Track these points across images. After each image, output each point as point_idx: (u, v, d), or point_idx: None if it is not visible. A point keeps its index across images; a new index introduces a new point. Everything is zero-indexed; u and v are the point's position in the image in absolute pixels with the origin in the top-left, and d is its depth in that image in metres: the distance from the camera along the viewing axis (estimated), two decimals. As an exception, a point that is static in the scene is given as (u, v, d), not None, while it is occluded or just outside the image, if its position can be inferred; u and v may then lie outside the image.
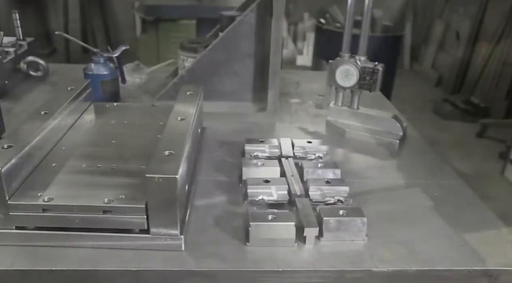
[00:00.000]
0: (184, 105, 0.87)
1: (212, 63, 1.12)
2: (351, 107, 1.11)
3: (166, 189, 0.64)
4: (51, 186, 0.69)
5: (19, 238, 0.67)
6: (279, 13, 1.01)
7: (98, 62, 1.18)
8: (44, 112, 0.81)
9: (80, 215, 0.66)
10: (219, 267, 0.66)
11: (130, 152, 0.81)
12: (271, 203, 0.80)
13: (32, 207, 0.66)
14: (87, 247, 0.68)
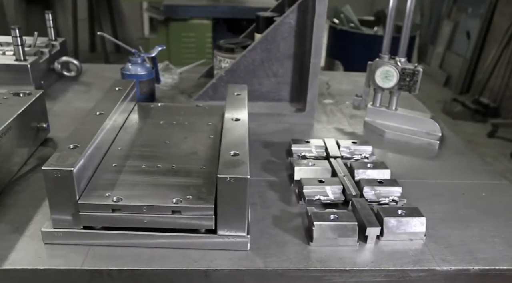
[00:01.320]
0: (235, 106, 0.88)
1: (251, 64, 1.12)
2: (389, 108, 1.12)
3: (237, 189, 0.64)
4: (116, 187, 0.70)
5: (87, 237, 0.68)
6: (322, 13, 1.02)
7: (135, 62, 1.18)
8: (100, 112, 0.82)
9: (149, 215, 0.67)
10: (286, 266, 0.67)
11: (185, 152, 0.81)
12: (327, 203, 0.81)
13: (102, 207, 0.66)
14: (154, 247, 0.69)
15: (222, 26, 2.38)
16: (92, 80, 1.39)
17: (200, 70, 1.46)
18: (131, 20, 4.52)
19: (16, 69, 1.18)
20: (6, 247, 0.68)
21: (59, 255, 0.67)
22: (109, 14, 4.47)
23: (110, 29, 4.58)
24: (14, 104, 0.90)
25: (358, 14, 3.54)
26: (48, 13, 1.41)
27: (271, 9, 1.27)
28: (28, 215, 0.76)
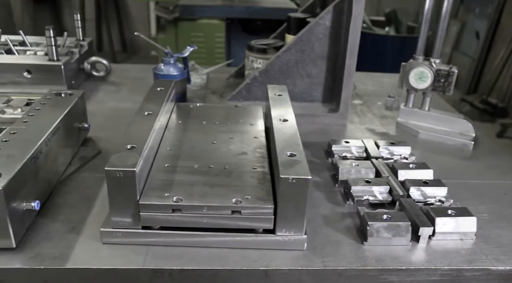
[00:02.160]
0: (280, 107, 0.88)
1: (285, 65, 1.13)
2: (422, 109, 1.13)
3: (298, 189, 0.65)
4: (174, 187, 0.70)
5: (146, 237, 0.69)
6: (359, 14, 1.03)
7: (168, 62, 1.19)
8: (148, 113, 0.82)
9: (208, 215, 0.67)
10: (344, 265, 0.68)
11: (234, 152, 0.82)
12: (375, 203, 0.81)
13: (162, 207, 0.67)
14: (212, 247, 0.69)
15: (236, 26, 2.38)
16: (120, 80, 1.39)
17: (225, 70, 1.46)
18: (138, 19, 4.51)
19: (49, 69, 1.18)
20: (66, 247, 0.68)
21: (119, 255, 0.68)
22: (116, 13, 4.47)
23: (117, 29, 4.58)
24: (58, 104, 0.90)
25: (365, 14, 3.55)
26: (76, 13, 1.41)
27: (302, 10, 1.27)
28: (81, 215, 0.76)
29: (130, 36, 4.56)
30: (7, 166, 0.67)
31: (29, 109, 0.87)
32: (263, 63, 1.19)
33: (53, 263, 0.65)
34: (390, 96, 1.14)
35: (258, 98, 1.17)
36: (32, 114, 0.85)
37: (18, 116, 0.87)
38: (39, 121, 0.83)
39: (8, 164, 0.68)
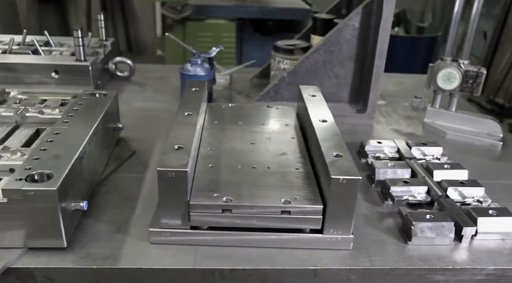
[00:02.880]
0: (316, 107, 0.89)
1: (314, 66, 1.14)
2: (449, 109, 1.14)
3: (348, 189, 0.66)
4: (221, 187, 0.71)
5: (194, 238, 0.69)
6: (389, 15, 1.03)
7: (195, 63, 1.19)
8: (188, 113, 0.83)
9: (258, 215, 0.68)
10: (391, 265, 0.68)
11: (274, 153, 0.82)
12: (414, 203, 0.82)
13: (212, 208, 0.67)
14: (260, 247, 0.70)
15: (248, 26, 2.39)
16: (143, 80, 1.39)
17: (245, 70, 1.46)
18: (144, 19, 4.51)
19: (77, 70, 1.18)
20: (115, 247, 0.69)
21: (168, 255, 0.68)
22: (122, 13, 4.46)
23: (123, 29, 4.57)
24: (94, 104, 0.91)
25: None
26: (100, 13, 1.41)
27: (327, 11, 1.28)
28: (125, 215, 0.76)
29: (135, 36, 4.55)
30: (57, 166, 0.67)
31: (67, 110, 0.87)
32: (290, 64, 1.20)
33: (105, 263, 0.65)
34: (417, 97, 1.15)
35: (285, 98, 1.17)
36: (72, 115, 0.85)
37: (57, 116, 0.87)
38: (79, 121, 0.83)
39: (57, 164, 0.68)
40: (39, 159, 0.69)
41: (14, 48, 1.30)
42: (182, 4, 3.64)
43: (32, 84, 1.21)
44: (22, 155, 0.72)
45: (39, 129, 0.85)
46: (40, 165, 0.67)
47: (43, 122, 0.87)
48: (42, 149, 0.72)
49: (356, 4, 1.25)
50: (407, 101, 1.32)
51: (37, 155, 0.70)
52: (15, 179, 0.64)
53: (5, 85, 1.19)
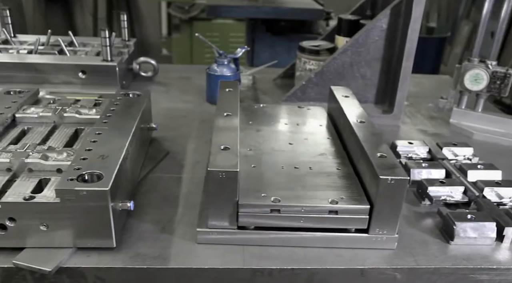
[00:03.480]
0: (351, 108, 0.90)
1: (341, 66, 1.14)
2: (475, 110, 1.15)
3: (396, 190, 0.66)
4: (267, 187, 0.71)
5: (242, 237, 0.69)
6: (418, 17, 1.04)
7: (222, 63, 1.20)
8: (227, 113, 0.83)
9: (306, 215, 0.68)
10: (436, 264, 0.69)
11: (313, 153, 0.83)
12: (452, 203, 0.83)
13: (261, 208, 0.68)
14: (306, 247, 0.70)
15: (260, 26, 2.39)
16: (165, 80, 1.40)
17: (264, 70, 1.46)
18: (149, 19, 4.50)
19: (104, 70, 1.19)
20: (163, 247, 0.69)
21: (217, 254, 0.68)
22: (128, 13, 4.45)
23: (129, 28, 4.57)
24: (130, 105, 0.91)
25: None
26: (123, 13, 1.42)
27: (351, 12, 1.28)
28: (167, 215, 0.77)
29: (141, 36, 4.55)
30: (105, 167, 0.68)
31: (105, 110, 0.88)
32: (316, 65, 1.20)
33: (155, 263, 0.66)
34: (443, 98, 1.16)
35: (312, 99, 1.18)
36: (110, 115, 0.86)
37: (94, 116, 0.88)
38: (118, 121, 0.83)
39: (105, 164, 0.68)
40: (86, 159, 0.70)
41: (39, 48, 1.31)
42: (189, 4, 3.65)
43: (58, 84, 1.21)
44: (68, 155, 0.72)
45: (77, 129, 0.85)
46: (88, 166, 0.67)
47: (81, 122, 0.87)
48: (87, 149, 0.73)
49: (381, 5, 1.25)
50: (429, 102, 1.33)
51: (83, 155, 0.71)
52: (67, 179, 0.64)
53: (32, 85, 1.19)
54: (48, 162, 0.71)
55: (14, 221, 0.64)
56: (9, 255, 0.66)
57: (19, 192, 0.65)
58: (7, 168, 0.70)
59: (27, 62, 1.19)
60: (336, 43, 1.25)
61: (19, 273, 0.65)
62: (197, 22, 3.59)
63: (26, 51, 1.28)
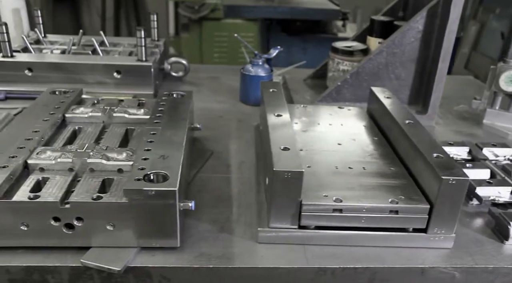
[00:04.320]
0: (395, 108, 0.91)
1: (376, 67, 1.15)
2: (509, 111, 1.16)
3: (456, 190, 0.67)
4: (326, 187, 0.72)
5: (302, 237, 0.70)
6: (456, 18, 1.05)
7: (256, 63, 1.20)
8: (278, 114, 0.84)
9: (367, 215, 0.69)
10: (495, 263, 0.70)
11: (363, 153, 0.84)
12: (500, 203, 0.84)
13: (323, 208, 0.69)
14: (365, 246, 0.71)
15: (275, 26, 2.40)
16: (195, 80, 1.40)
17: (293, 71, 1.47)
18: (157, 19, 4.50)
19: (139, 70, 1.19)
20: (225, 247, 0.70)
21: (279, 254, 0.69)
22: (135, 12, 4.45)
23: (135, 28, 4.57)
24: (176, 105, 0.92)
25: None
26: (153, 14, 1.42)
27: (382, 13, 1.29)
28: (224, 215, 0.78)
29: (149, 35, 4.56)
30: (169, 167, 0.68)
31: (154, 110, 0.88)
32: (350, 65, 1.21)
33: (221, 263, 0.67)
34: (476, 98, 1.17)
35: (346, 99, 1.19)
36: (159, 115, 0.86)
37: (142, 116, 0.88)
38: (170, 121, 0.84)
39: (168, 165, 0.69)
40: (148, 159, 0.70)
41: (73, 48, 1.31)
42: (199, 3, 3.65)
43: (91, 84, 1.21)
44: (127, 155, 0.73)
45: (128, 129, 0.86)
46: (151, 166, 0.68)
47: (130, 122, 0.88)
48: (146, 149, 0.73)
49: (412, 6, 1.26)
50: (458, 103, 1.34)
51: (143, 155, 0.71)
52: (134, 179, 0.65)
53: (67, 85, 1.20)
54: (110, 162, 0.71)
55: (82, 220, 0.65)
56: (76, 254, 0.66)
57: (86, 192, 0.66)
58: (69, 168, 0.71)
59: (65, 62, 1.19)
60: (368, 44, 1.26)
61: (87, 272, 0.65)
62: (207, 22, 3.59)
63: (59, 51, 1.28)
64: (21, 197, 0.64)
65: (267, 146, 0.76)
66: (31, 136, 0.76)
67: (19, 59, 1.18)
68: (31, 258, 0.65)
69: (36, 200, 0.63)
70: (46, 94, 0.95)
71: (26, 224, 0.64)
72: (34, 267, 0.65)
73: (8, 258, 0.65)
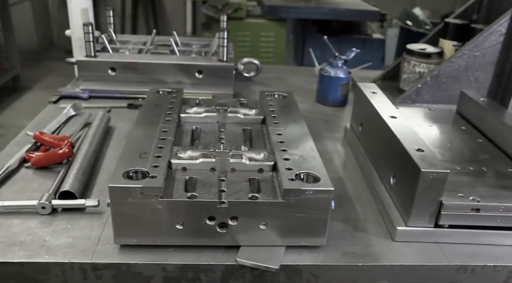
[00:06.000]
0: (496, 112, 0.93)
1: (456, 70, 1.17)
2: None
3: None
4: (457, 187, 0.74)
5: (438, 235, 0.72)
6: (542, 23, 1.08)
7: (336, 65, 1.22)
8: (392, 115, 0.86)
9: (504, 214, 0.71)
10: None
11: (474, 154, 0.86)
12: None
13: (463, 207, 0.70)
14: (497, 245, 0.73)
15: (312, 27, 2.42)
16: (264, 80, 1.41)
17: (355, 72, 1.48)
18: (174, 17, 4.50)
19: (221, 70, 1.20)
20: (365, 245, 0.71)
21: (418, 252, 0.71)
22: (152, 11, 4.45)
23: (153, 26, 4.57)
24: (285, 105, 0.93)
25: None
26: (223, 14, 1.43)
27: (455, 16, 1.32)
28: (351, 214, 0.79)
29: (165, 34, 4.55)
30: (314, 167, 0.70)
31: (266, 111, 0.89)
32: (426, 68, 1.23)
33: (367, 260, 0.68)
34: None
35: (425, 101, 1.21)
36: (274, 115, 0.88)
37: (254, 116, 0.89)
38: (287, 122, 0.85)
39: (310, 164, 0.70)
40: (289, 160, 0.72)
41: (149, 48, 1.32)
42: (223, 3, 3.66)
43: (169, 84, 1.22)
44: (265, 155, 0.74)
45: (244, 129, 0.87)
46: (297, 166, 0.70)
47: (244, 122, 0.89)
48: (281, 149, 0.75)
49: (485, 10, 1.29)
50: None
51: (282, 155, 0.73)
52: (288, 179, 0.66)
53: (146, 84, 1.21)
54: (251, 162, 0.72)
55: (236, 219, 0.66)
56: (225, 253, 0.68)
57: (239, 191, 0.67)
58: (211, 168, 0.72)
59: (149, 62, 1.20)
60: (442, 46, 1.28)
61: (240, 271, 0.67)
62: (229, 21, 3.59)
63: (136, 51, 1.29)
64: (180, 196, 0.65)
65: (389, 147, 0.78)
66: (164, 136, 0.77)
67: (103, 59, 1.19)
68: (185, 257, 0.67)
69: (194, 199, 0.65)
70: (152, 94, 0.96)
71: (182, 223, 0.66)
72: (190, 265, 0.66)
73: (163, 256, 0.67)
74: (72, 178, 0.79)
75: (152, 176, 0.65)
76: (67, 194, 0.76)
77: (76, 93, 1.19)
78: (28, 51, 4.41)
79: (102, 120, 1.01)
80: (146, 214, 0.64)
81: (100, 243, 0.69)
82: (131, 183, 0.63)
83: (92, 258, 0.66)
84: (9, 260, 0.65)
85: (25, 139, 0.96)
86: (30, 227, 0.71)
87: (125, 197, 0.63)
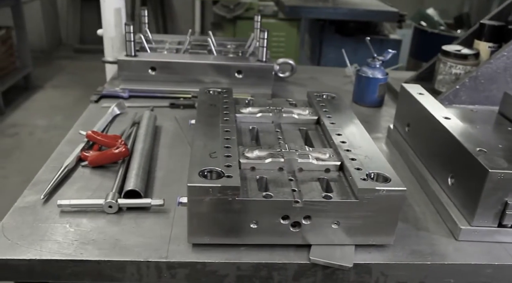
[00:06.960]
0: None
1: (495, 71, 1.18)
2: None
3: None
4: (518, 188, 0.75)
5: (500, 235, 0.73)
6: None
7: (374, 66, 1.23)
8: (445, 117, 0.87)
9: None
10: None
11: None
12: None
13: (524, 207, 0.72)
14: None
15: (329, 27, 2.43)
16: (298, 80, 1.42)
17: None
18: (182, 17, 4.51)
19: (260, 70, 1.21)
20: (429, 244, 0.73)
21: (482, 251, 0.72)
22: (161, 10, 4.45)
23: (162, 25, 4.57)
24: (336, 105, 0.94)
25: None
26: (257, 15, 1.43)
27: (490, 17, 1.33)
28: (409, 213, 0.80)
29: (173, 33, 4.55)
30: (382, 167, 0.71)
31: (321, 111, 0.90)
32: (463, 69, 1.24)
33: (435, 259, 0.69)
34: None
35: (462, 102, 1.22)
36: (329, 116, 0.89)
37: (308, 117, 0.90)
38: (343, 121, 0.87)
39: (376, 164, 0.71)
40: (355, 160, 0.73)
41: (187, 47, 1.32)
42: (234, 3, 3.67)
43: (207, 84, 1.23)
44: (330, 155, 0.75)
45: (300, 129, 0.88)
46: (365, 166, 0.71)
47: (299, 122, 0.90)
48: (346, 149, 0.76)
49: (520, 12, 1.30)
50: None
51: (348, 155, 0.74)
52: (360, 179, 0.67)
53: (185, 84, 1.22)
54: (319, 162, 0.73)
55: (310, 219, 0.67)
56: (295, 252, 0.69)
57: (312, 191, 0.68)
58: (279, 168, 0.73)
59: (190, 62, 1.21)
60: (477, 47, 1.29)
61: (312, 269, 0.68)
62: (241, 21, 3.61)
63: (174, 51, 1.30)
64: (255, 196, 0.66)
65: (445, 147, 0.80)
66: (227, 136, 0.78)
67: (144, 59, 1.19)
68: (258, 255, 0.68)
69: (270, 199, 0.66)
70: (203, 93, 0.97)
71: (256, 222, 0.66)
72: (264, 264, 0.67)
73: (236, 255, 0.68)
74: (134, 177, 0.80)
75: (228, 175, 0.66)
76: (131, 193, 0.77)
77: (116, 92, 1.19)
78: (38, 50, 4.40)
79: (150, 119, 1.01)
80: (222, 213, 0.65)
81: (172, 242, 0.69)
82: (209, 182, 0.64)
83: (167, 257, 0.66)
84: (86, 258, 0.66)
85: (76, 138, 0.97)
86: (99, 226, 0.72)
87: (203, 197, 0.64)
